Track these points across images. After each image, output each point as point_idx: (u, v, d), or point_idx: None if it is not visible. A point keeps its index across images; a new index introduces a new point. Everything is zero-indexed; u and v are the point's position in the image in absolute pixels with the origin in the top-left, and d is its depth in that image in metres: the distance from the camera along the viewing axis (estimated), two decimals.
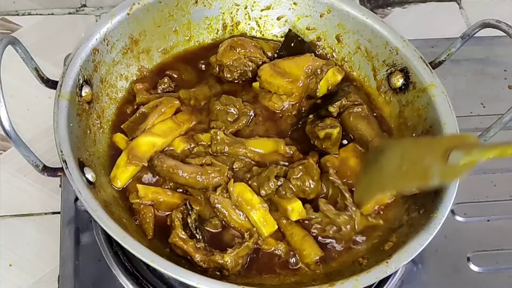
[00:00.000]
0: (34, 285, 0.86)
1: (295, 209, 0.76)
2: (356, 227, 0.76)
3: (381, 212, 0.79)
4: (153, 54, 0.90)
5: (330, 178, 0.78)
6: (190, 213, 0.74)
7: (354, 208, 0.77)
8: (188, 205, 0.75)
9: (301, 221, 0.77)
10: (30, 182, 0.94)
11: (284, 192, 0.77)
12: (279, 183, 0.77)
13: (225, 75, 0.89)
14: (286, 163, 0.80)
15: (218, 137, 0.81)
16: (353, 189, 0.79)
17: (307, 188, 0.77)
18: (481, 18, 0.87)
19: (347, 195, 0.77)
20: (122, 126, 0.83)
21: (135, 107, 0.85)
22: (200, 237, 0.74)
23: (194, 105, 0.86)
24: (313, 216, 0.76)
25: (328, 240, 0.77)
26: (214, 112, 0.84)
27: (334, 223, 0.76)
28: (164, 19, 0.89)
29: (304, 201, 0.78)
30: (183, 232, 0.73)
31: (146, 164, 0.78)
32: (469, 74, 1.06)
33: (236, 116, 0.84)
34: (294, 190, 0.77)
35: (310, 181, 0.77)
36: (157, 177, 0.79)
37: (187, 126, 0.83)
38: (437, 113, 0.81)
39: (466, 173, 0.66)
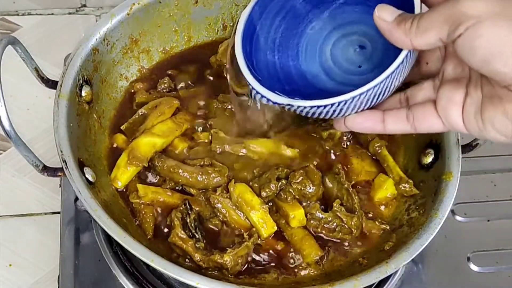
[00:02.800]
0: (34, 285, 0.86)
1: (297, 217, 0.76)
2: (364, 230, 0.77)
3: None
4: (153, 54, 0.90)
5: (341, 180, 0.78)
6: (190, 213, 0.74)
7: (361, 211, 0.77)
8: (187, 205, 0.75)
9: (308, 219, 0.77)
10: (30, 182, 0.94)
11: (284, 196, 0.76)
12: (280, 185, 0.77)
13: (225, 75, 0.89)
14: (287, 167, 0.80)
15: (219, 136, 0.81)
16: None
17: (307, 193, 0.77)
18: None
19: (355, 197, 0.77)
20: (122, 127, 0.83)
21: (134, 107, 0.85)
22: (200, 237, 0.74)
23: (194, 105, 0.86)
24: (323, 216, 0.76)
25: (335, 240, 0.77)
26: (212, 110, 0.84)
27: (346, 224, 0.76)
28: (164, 19, 0.89)
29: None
30: (182, 232, 0.73)
31: (146, 165, 0.78)
32: None
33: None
34: (295, 194, 0.77)
35: (311, 185, 0.77)
36: (157, 177, 0.79)
37: (187, 126, 0.83)
38: None
39: None
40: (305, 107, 0.62)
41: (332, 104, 0.60)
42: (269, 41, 0.72)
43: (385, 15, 0.57)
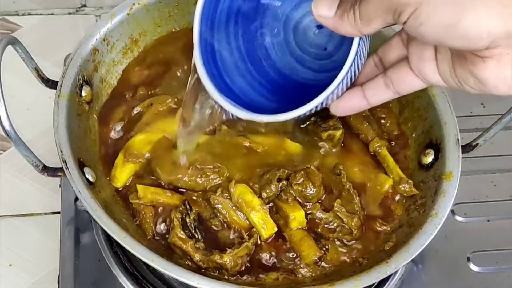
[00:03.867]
0: (34, 285, 0.86)
1: (297, 218, 0.75)
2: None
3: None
4: None
5: (342, 180, 0.78)
6: (189, 213, 0.74)
7: (363, 212, 0.77)
8: (187, 205, 0.75)
9: (309, 218, 0.76)
10: (30, 182, 0.94)
11: (285, 197, 0.76)
12: (281, 185, 0.77)
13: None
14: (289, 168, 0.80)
15: (221, 129, 0.81)
16: None
17: (308, 194, 0.77)
18: None
19: (356, 197, 0.77)
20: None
21: (139, 92, 0.85)
22: (199, 237, 0.74)
23: (190, 100, 0.85)
24: (323, 216, 0.76)
25: (335, 241, 0.77)
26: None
27: (347, 225, 0.76)
28: (164, 19, 0.89)
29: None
30: (182, 232, 0.73)
31: (143, 161, 0.78)
32: None
33: None
34: (295, 195, 0.77)
35: (311, 186, 0.77)
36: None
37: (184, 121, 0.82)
38: (437, 113, 0.81)
39: None
40: (286, 120, 0.61)
41: (311, 110, 0.59)
42: (234, 52, 0.69)
43: (323, 11, 0.55)
